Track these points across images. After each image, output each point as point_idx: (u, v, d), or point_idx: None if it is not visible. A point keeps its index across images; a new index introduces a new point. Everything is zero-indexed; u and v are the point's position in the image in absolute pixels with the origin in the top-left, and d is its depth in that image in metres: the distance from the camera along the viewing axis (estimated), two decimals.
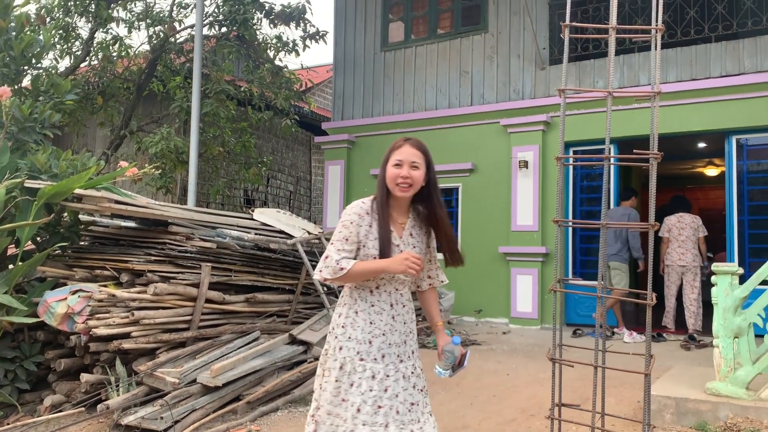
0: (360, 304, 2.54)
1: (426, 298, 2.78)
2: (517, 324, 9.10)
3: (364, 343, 2.49)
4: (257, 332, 5.42)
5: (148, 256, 5.16)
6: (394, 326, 2.54)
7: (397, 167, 2.51)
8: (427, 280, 2.78)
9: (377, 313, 2.53)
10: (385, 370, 2.47)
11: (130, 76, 11.29)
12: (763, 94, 7.92)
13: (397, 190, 2.52)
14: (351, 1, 11.38)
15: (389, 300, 2.56)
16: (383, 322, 2.53)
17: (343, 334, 2.52)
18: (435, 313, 2.77)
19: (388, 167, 2.54)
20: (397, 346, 2.54)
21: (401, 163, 2.51)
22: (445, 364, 2.65)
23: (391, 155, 2.55)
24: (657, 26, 2.83)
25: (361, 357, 2.47)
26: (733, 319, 4.38)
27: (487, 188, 9.66)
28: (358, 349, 2.48)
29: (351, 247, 2.50)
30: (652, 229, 2.80)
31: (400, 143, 2.58)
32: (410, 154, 2.53)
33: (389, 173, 2.53)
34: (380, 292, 2.55)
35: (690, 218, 8.21)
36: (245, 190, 13.41)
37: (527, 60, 9.65)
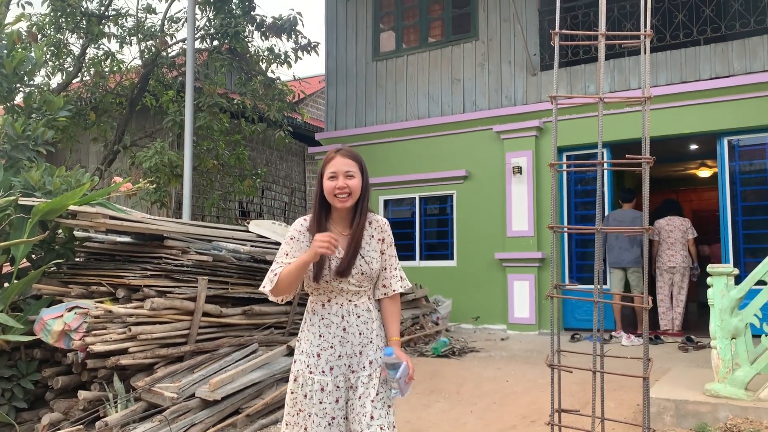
0: (312, 318, 2.58)
1: (382, 308, 2.69)
2: (515, 330, 9.09)
3: (312, 356, 2.52)
4: (255, 344, 5.41)
5: (144, 271, 5.15)
6: (345, 338, 2.53)
7: (332, 179, 2.51)
8: (381, 289, 2.69)
9: (326, 326, 2.54)
10: (335, 382, 2.49)
11: (122, 91, 11.30)
12: (753, 95, 7.98)
13: (337, 201, 2.51)
14: (342, 11, 11.43)
15: (341, 312, 2.55)
16: (332, 334, 2.53)
17: (297, 348, 2.60)
18: (390, 326, 2.67)
19: (324, 181, 2.53)
20: (349, 357, 2.53)
21: (336, 174, 2.51)
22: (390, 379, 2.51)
23: (324, 169, 2.56)
24: (646, 32, 2.85)
25: (310, 370, 2.51)
26: (730, 320, 4.40)
27: (482, 195, 9.68)
28: (308, 362, 2.53)
29: (290, 261, 2.50)
30: (647, 233, 2.81)
31: (331, 155, 2.58)
32: (343, 164, 2.53)
33: (326, 187, 2.52)
34: (332, 305, 2.55)
35: (679, 221, 8.46)
36: (240, 202, 13.40)
37: (518, 66, 9.70)
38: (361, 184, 2.55)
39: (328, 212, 2.58)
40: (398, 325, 2.71)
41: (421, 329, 7.93)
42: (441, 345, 7.26)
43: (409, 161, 10.35)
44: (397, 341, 2.63)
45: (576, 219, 9.26)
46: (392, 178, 10.39)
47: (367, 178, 2.61)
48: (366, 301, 2.60)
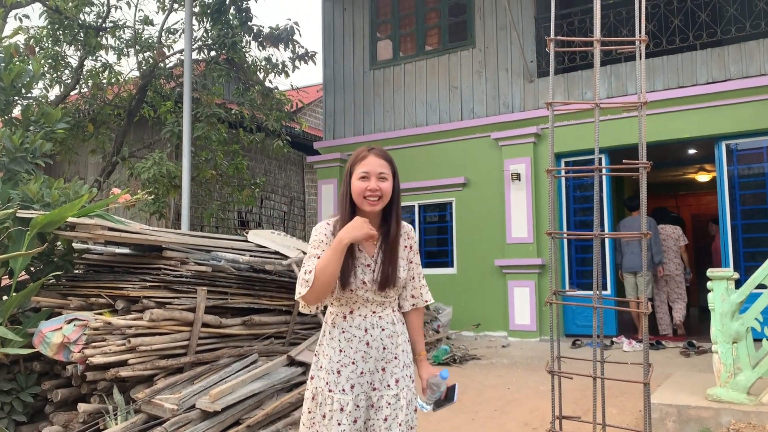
0: (332, 331, 2.37)
1: (409, 321, 2.52)
2: (516, 337, 9.07)
3: (332, 373, 2.32)
4: (255, 355, 5.39)
5: (143, 282, 5.13)
6: (369, 353, 2.34)
7: (363, 180, 2.32)
8: (410, 300, 2.52)
9: (347, 339, 2.34)
10: (355, 401, 2.29)
11: (120, 102, 11.32)
12: (750, 99, 8.00)
13: (366, 204, 2.32)
14: (339, 21, 11.47)
15: (364, 324, 2.36)
16: (353, 349, 2.33)
17: (316, 363, 2.40)
18: (418, 340, 2.52)
19: (354, 181, 2.33)
20: (371, 374, 2.34)
21: (368, 175, 2.32)
22: (429, 399, 2.46)
23: (354, 168, 2.36)
24: (641, 38, 2.86)
25: (330, 388, 2.31)
26: (731, 324, 4.38)
27: (481, 202, 9.69)
28: (327, 379, 2.32)
29: None
30: (645, 239, 2.81)
31: (363, 153, 2.38)
32: (377, 165, 2.34)
33: (355, 187, 2.32)
34: (354, 317, 2.36)
35: (671, 229, 8.92)
36: (239, 212, 13.40)
37: (515, 73, 9.72)
38: (392, 187, 2.37)
39: (354, 215, 2.35)
40: (423, 340, 2.56)
41: (436, 333, 7.91)
42: (442, 353, 7.24)
43: (408, 169, 10.34)
44: (425, 357, 2.49)
45: (575, 225, 9.27)
46: None
47: (399, 182, 2.42)
48: (391, 313, 2.41)
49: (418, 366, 2.49)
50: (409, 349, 2.44)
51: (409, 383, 2.39)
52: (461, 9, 10.38)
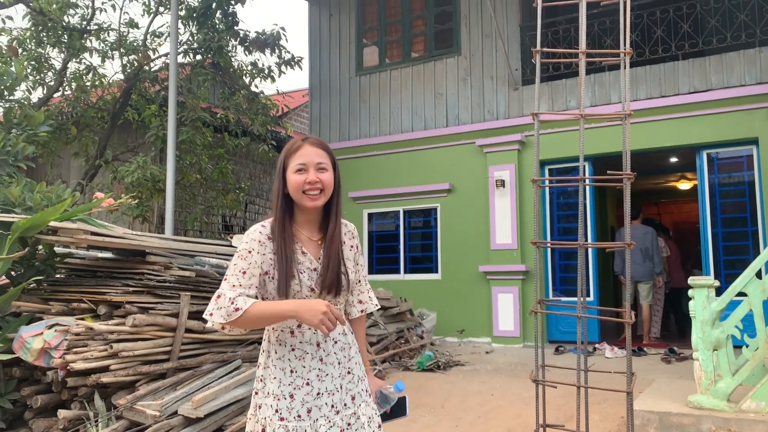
0: (278, 350, 2.05)
1: (355, 329, 2.27)
2: (500, 343, 9.11)
3: (283, 398, 2.01)
4: (239, 361, 5.36)
5: (126, 287, 5.09)
6: (324, 370, 2.06)
7: (300, 173, 2.05)
8: (357, 305, 2.27)
9: (298, 358, 2.04)
10: (314, 427, 2.00)
11: (104, 105, 11.22)
12: (731, 109, 8.12)
13: (306, 199, 2.06)
14: (325, 26, 11.48)
15: (315, 338, 2.06)
16: (307, 368, 2.04)
17: (262, 390, 2.07)
18: (364, 349, 2.27)
19: (289, 175, 2.07)
20: (330, 394, 2.05)
21: (305, 166, 2.06)
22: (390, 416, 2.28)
23: (289, 160, 2.09)
24: (625, 50, 2.90)
25: (281, 416, 1.99)
26: (712, 332, 4.44)
27: (466, 208, 9.73)
28: (277, 406, 2.01)
29: (250, 281, 2.00)
30: (629, 249, 2.84)
31: (298, 144, 2.10)
32: (314, 155, 2.08)
33: (292, 181, 2.05)
34: (303, 331, 2.06)
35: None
36: (223, 216, 13.33)
37: (500, 81, 9.79)
38: (333, 179, 2.11)
39: (292, 214, 2.11)
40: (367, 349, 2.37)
41: (406, 343, 7.91)
42: (426, 359, 7.25)
43: (393, 175, 10.38)
44: (370, 368, 2.26)
45: (559, 231, 9.33)
46: (376, 191, 10.41)
47: (339, 173, 2.17)
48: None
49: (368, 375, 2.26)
50: (361, 361, 2.20)
51: (367, 398, 2.15)
52: (447, 17, 10.44)
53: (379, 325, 7.64)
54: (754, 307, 4.51)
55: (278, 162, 2.13)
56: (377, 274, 10.39)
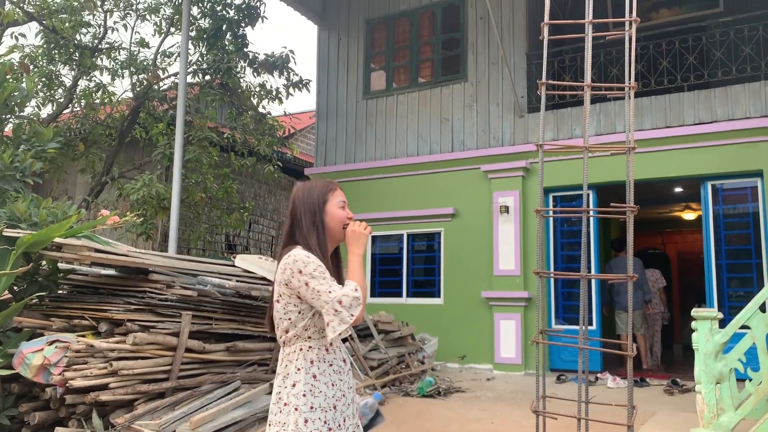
0: (320, 366, 2.23)
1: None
2: (501, 370, 9.04)
3: (329, 410, 2.20)
4: (238, 382, 5.33)
5: (128, 305, 5.09)
6: (350, 383, 2.33)
7: (342, 209, 2.35)
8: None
9: (336, 372, 2.26)
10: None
11: (112, 122, 11.33)
12: (735, 141, 8.15)
13: (341, 234, 2.34)
14: (334, 50, 11.61)
15: (342, 355, 2.33)
16: (343, 381, 2.28)
17: (304, 404, 2.17)
18: None
19: (331, 209, 2.32)
20: (351, 404, 2.32)
21: (345, 204, 2.37)
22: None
23: (329, 197, 2.35)
24: (630, 84, 2.92)
25: (329, 426, 2.18)
26: (715, 365, 4.41)
27: (469, 233, 9.72)
28: (325, 418, 2.18)
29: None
30: (631, 281, 2.84)
31: (333, 185, 2.40)
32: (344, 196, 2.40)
33: (336, 215, 2.32)
34: (335, 348, 2.30)
35: (650, 272, 9.79)
36: (227, 235, 13.35)
37: (506, 108, 9.85)
38: None
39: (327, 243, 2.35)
40: None
41: (407, 368, 7.86)
42: (426, 384, 7.19)
43: (398, 198, 10.40)
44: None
45: (562, 259, 9.31)
46: (380, 214, 10.42)
47: None
48: None
49: None
50: None
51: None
52: (454, 43, 10.55)
53: (379, 349, 7.60)
54: (757, 340, 4.48)
55: (313, 198, 2.34)
56: (379, 297, 10.36)
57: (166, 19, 11.36)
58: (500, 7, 10.01)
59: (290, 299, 2.23)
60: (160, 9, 11.33)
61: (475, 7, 10.30)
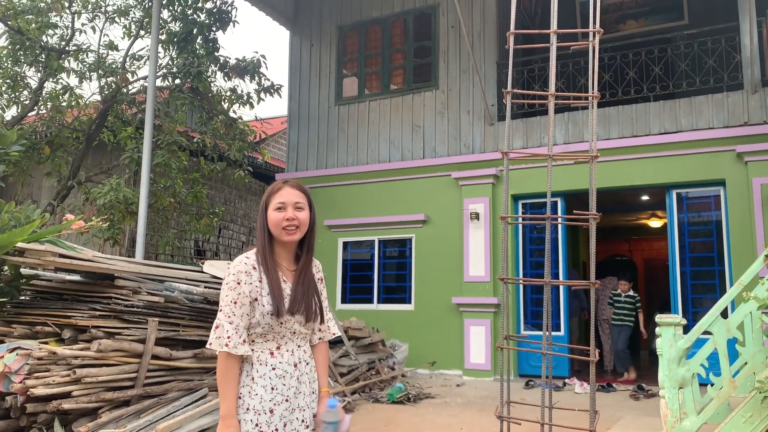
0: (259, 369, 2.25)
1: (316, 354, 2.47)
2: (471, 376, 9.08)
3: (264, 413, 2.21)
4: (205, 389, 5.27)
5: (93, 311, 5.00)
6: (300, 389, 2.30)
7: (279, 210, 2.32)
8: (317, 333, 2.47)
9: (279, 376, 2.26)
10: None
11: (79, 125, 11.14)
12: (699, 150, 8.34)
13: (284, 234, 2.32)
14: (306, 56, 11.59)
15: (292, 360, 2.30)
16: (286, 386, 2.26)
17: (240, 406, 2.21)
18: (323, 375, 2.46)
19: (270, 212, 2.34)
20: (302, 410, 2.30)
21: (284, 205, 2.32)
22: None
23: (270, 199, 2.36)
24: (593, 94, 2.98)
25: (261, 429, 2.20)
26: (678, 370, 4.49)
27: (440, 239, 9.77)
28: (257, 420, 2.20)
29: (241, 310, 2.22)
30: (593, 287, 2.88)
31: (278, 185, 2.39)
32: (293, 195, 2.35)
33: (272, 218, 2.32)
34: (282, 352, 2.29)
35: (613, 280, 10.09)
36: (196, 241, 13.20)
37: (476, 116, 9.94)
38: (309, 217, 2.38)
39: (273, 247, 2.35)
40: (327, 374, 2.51)
41: (377, 374, 7.85)
42: (396, 391, 7.20)
43: (369, 204, 10.41)
44: (327, 394, 2.42)
45: (531, 265, 9.41)
46: (352, 220, 10.42)
47: (314, 213, 2.43)
48: (308, 347, 2.41)
49: (320, 401, 2.40)
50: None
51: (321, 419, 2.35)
52: (426, 51, 10.62)
53: (350, 355, 7.58)
54: (719, 346, 4.57)
55: (261, 201, 2.39)
56: (350, 303, 10.34)
57: (136, 22, 11.22)
58: (471, 17, 10.11)
59: None
60: (130, 12, 11.19)
61: (447, 16, 10.39)
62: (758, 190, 7.94)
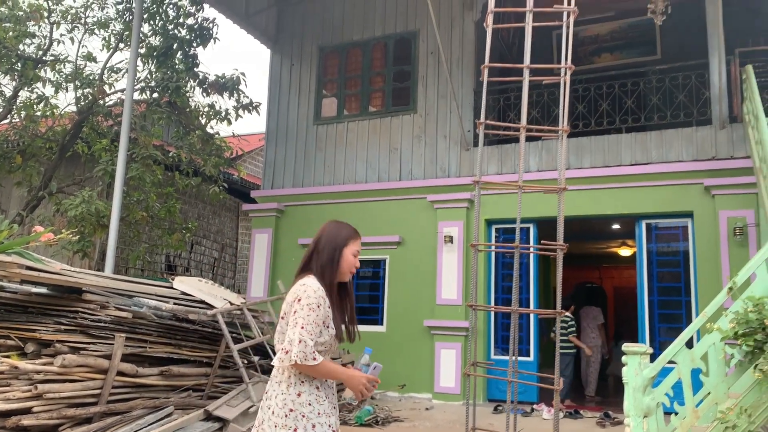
0: (318, 380, 2.58)
1: None
2: (441, 399, 9.07)
3: (332, 416, 2.58)
4: (171, 407, 5.20)
5: (58, 325, 4.91)
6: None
7: (355, 257, 2.71)
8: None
9: (329, 386, 2.62)
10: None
11: (53, 136, 11.00)
12: (669, 182, 8.52)
13: (347, 276, 2.70)
14: (286, 75, 11.64)
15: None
16: (334, 395, 2.64)
17: (312, 412, 2.53)
18: None
19: (347, 254, 2.69)
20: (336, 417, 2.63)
21: (358, 253, 2.72)
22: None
23: (349, 242, 2.72)
24: (563, 128, 3.05)
25: (333, 429, 2.56)
26: (643, 399, 4.55)
27: (414, 261, 9.80)
28: (329, 422, 2.56)
29: (319, 329, 2.52)
30: (558, 316, 2.93)
31: (356, 234, 2.76)
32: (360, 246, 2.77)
33: (348, 260, 2.69)
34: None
35: (590, 309, 10.28)
36: (167, 255, 13.06)
37: (453, 140, 10.05)
38: None
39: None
40: None
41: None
42: (365, 414, 7.16)
43: None
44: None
45: (503, 290, 9.47)
46: None
47: None
48: None
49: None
50: None
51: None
52: (405, 76, 10.73)
53: None
54: (683, 376, 4.66)
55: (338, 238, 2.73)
56: None
57: (116, 34, 11.16)
58: (450, 44, 10.27)
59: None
60: (110, 24, 11.14)
61: (427, 42, 10.53)
62: (725, 222, 8.13)
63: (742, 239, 7.91)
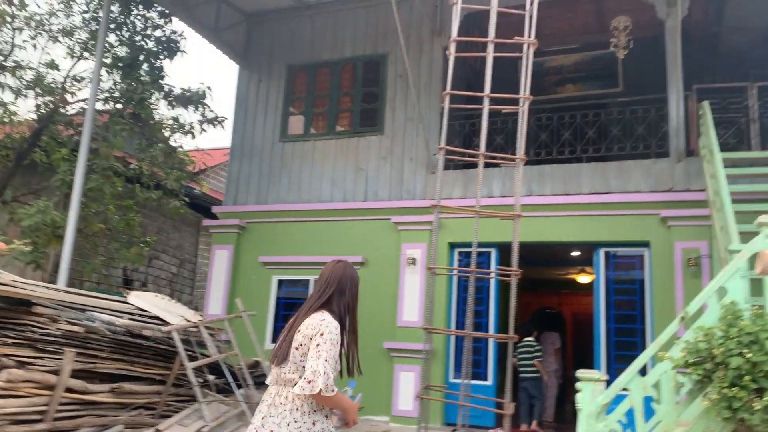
0: (326, 409, 2.88)
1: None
2: (398, 422, 9.01)
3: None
4: (120, 426, 5.05)
5: (5, 339, 4.75)
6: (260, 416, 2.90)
7: None
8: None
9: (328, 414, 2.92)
10: None
11: (10, 143, 10.72)
12: (627, 212, 8.71)
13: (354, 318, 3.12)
14: (253, 91, 11.59)
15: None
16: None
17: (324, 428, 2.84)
18: None
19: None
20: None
21: None
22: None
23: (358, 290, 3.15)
24: (520, 156, 3.10)
25: None
26: (596, 426, 4.59)
27: (376, 283, 9.77)
28: None
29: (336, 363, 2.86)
30: (511, 341, 2.95)
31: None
32: None
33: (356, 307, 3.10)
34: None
35: (548, 335, 10.58)
36: (124, 269, 12.78)
37: (419, 163, 10.12)
38: None
39: None
40: None
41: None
42: None
43: (307, 243, 10.34)
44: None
45: (464, 314, 9.42)
46: (288, 258, 10.32)
47: None
48: None
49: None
50: None
51: None
52: (373, 97, 10.80)
53: None
54: (635, 403, 4.72)
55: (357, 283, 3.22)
56: None
57: (80, 43, 10.99)
58: (419, 68, 10.38)
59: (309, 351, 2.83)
60: (75, 33, 10.97)
61: (395, 65, 10.63)
62: (680, 253, 8.33)
63: (696, 270, 8.12)
